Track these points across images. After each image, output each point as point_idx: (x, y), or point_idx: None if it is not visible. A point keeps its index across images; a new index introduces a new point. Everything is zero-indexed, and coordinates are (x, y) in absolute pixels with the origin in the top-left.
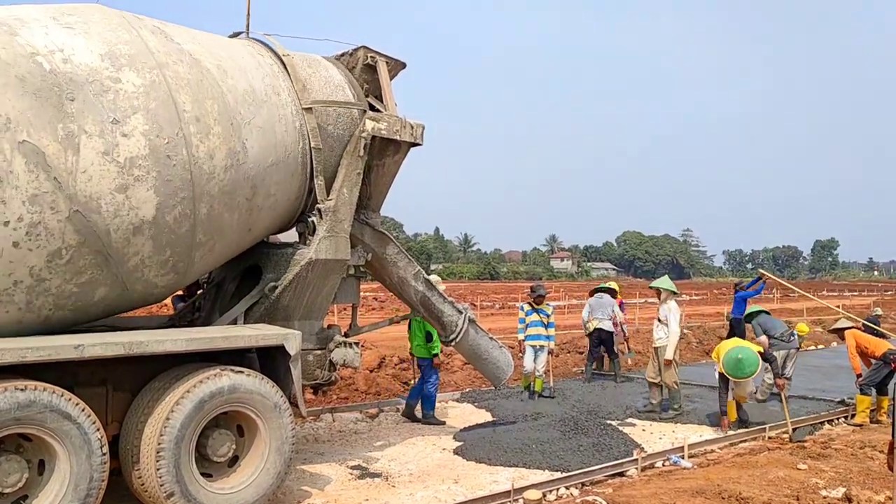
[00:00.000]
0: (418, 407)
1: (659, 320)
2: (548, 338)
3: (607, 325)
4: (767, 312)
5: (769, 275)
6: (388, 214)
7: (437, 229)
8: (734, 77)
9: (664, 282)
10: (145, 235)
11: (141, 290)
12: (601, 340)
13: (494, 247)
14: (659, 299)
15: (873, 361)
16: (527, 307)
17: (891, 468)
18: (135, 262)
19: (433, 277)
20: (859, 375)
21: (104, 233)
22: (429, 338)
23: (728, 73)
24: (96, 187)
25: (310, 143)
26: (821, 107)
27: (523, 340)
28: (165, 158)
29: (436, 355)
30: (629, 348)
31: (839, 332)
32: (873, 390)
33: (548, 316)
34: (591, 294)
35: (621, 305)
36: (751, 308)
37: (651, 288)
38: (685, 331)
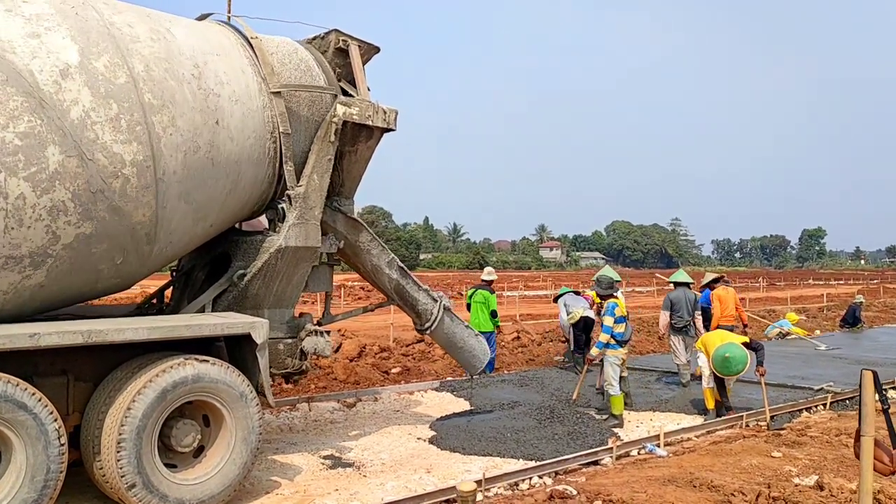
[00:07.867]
0: None
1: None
2: (601, 344)
3: (591, 314)
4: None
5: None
6: (378, 203)
7: (426, 219)
8: (723, 71)
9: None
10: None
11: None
12: (586, 327)
13: (483, 236)
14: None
15: None
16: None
17: (857, 456)
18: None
19: (488, 269)
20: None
21: None
22: (493, 314)
23: (717, 68)
24: None
25: (279, 128)
26: (810, 99)
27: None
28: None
29: (498, 326)
30: None
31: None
32: None
33: (611, 315)
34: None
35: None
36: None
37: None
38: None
